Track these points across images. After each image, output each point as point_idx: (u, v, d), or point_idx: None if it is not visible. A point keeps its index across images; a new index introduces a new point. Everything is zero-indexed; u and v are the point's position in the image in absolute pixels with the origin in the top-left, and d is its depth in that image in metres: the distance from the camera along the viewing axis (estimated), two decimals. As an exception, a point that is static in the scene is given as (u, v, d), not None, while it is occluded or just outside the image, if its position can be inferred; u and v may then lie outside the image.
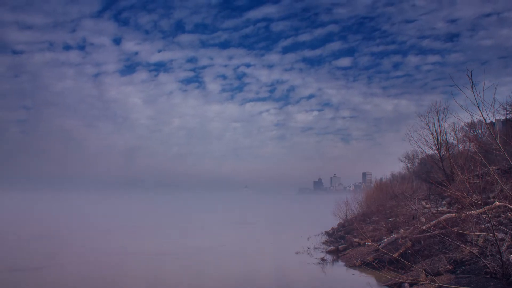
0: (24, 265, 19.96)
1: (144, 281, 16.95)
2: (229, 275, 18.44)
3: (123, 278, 17.59)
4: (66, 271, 18.89)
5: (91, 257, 22.66)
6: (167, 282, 17.05)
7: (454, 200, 22.02)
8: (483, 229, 13.88)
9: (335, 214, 34.95)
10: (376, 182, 43.22)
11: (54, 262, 21.02)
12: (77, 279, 17.13)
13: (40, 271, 18.83)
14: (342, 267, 19.46)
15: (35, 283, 16.59)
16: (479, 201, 12.25)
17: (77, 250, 25.37)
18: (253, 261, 22.27)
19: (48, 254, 23.84)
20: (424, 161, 39.70)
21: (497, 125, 33.46)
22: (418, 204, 26.57)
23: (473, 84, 10.57)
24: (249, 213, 77.05)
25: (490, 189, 19.68)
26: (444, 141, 30.00)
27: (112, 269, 19.58)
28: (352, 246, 22.59)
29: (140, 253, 24.09)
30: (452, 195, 16.99)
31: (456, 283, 12.16)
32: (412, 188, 35.48)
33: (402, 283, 13.73)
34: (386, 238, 20.80)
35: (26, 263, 20.58)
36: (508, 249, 12.65)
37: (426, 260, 15.55)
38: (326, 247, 25.53)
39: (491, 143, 12.67)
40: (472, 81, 10.61)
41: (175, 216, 67.06)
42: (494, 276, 11.83)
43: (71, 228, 39.51)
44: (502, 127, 32.90)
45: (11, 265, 19.80)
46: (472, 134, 35.28)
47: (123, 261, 21.56)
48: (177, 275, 18.48)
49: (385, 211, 28.06)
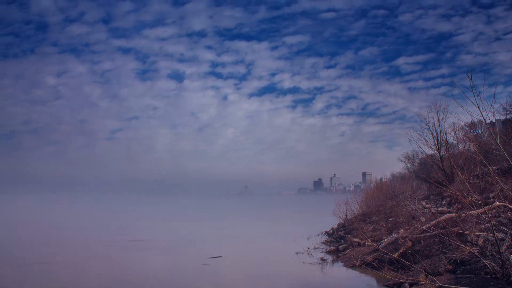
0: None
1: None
2: (229, 275, 18.42)
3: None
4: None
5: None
6: (163, 283, 17.04)
7: (454, 200, 22.03)
8: (483, 229, 13.87)
9: (335, 214, 34.93)
10: (376, 182, 43.18)
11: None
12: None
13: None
14: (342, 267, 19.45)
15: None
16: (479, 201, 12.25)
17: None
18: (253, 261, 22.25)
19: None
20: (424, 161, 39.74)
21: (497, 125, 33.44)
22: (418, 204, 26.58)
23: (473, 84, 10.58)
24: (248, 213, 77.06)
25: (490, 189, 19.68)
26: (444, 141, 30.04)
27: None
28: (352, 246, 22.59)
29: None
30: (452, 195, 17.00)
31: (456, 283, 12.16)
32: (412, 188, 35.52)
33: (402, 283, 13.72)
34: (386, 238, 20.80)
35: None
36: (508, 249, 12.64)
37: (426, 260, 15.53)
38: (326, 247, 25.52)
39: (491, 143, 12.66)
40: (472, 81, 10.61)
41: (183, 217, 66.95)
42: (494, 276, 11.82)
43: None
44: (502, 127, 32.88)
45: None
46: (472, 134, 35.31)
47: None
48: (177, 275, 18.47)
49: (385, 211, 28.04)
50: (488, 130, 24.30)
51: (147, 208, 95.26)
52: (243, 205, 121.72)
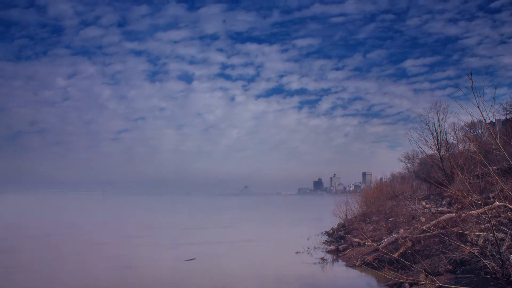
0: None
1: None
2: (229, 275, 18.41)
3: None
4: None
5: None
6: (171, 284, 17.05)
7: (454, 200, 22.02)
8: (483, 229, 13.86)
9: (335, 214, 34.94)
10: (376, 182, 43.20)
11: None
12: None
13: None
14: (342, 267, 19.46)
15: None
16: (479, 201, 12.25)
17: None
18: (253, 261, 22.25)
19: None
20: (424, 161, 39.74)
21: (497, 125, 33.45)
22: (418, 204, 26.58)
23: (474, 85, 10.58)
24: (248, 214, 77.04)
25: (490, 189, 19.68)
26: (444, 141, 30.05)
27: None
28: (352, 246, 22.59)
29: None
30: (452, 195, 17.01)
31: (456, 283, 12.16)
32: (412, 188, 35.50)
33: (402, 283, 13.72)
34: (386, 238, 20.80)
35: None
36: (508, 249, 12.63)
37: (426, 260, 15.54)
38: (326, 247, 25.53)
39: (491, 143, 12.66)
40: (472, 81, 10.62)
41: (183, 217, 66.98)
42: (494, 276, 11.83)
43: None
44: (502, 127, 32.89)
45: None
46: (472, 134, 35.30)
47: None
48: (175, 274, 18.46)
49: (385, 211, 28.05)
50: (488, 130, 24.31)
51: (144, 210, 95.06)
52: (243, 205, 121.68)
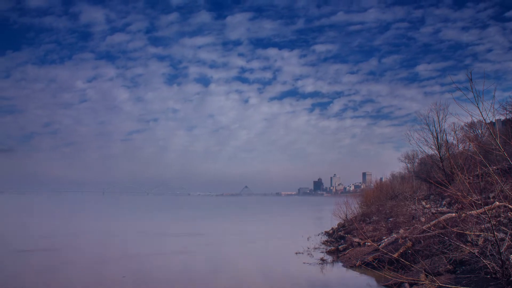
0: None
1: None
2: (229, 275, 18.41)
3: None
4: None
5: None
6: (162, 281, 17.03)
7: (454, 200, 22.02)
8: (483, 229, 13.86)
9: (335, 214, 34.95)
10: (376, 182, 43.19)
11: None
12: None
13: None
14: (342, 267, 19.44)
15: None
16: (479, 201, 12.24)
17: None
18: (253, 261, 22.25)
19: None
20: (424, 161, 39.72)
21: (497, 125, 33.44)
22: (418, 204, 26.57)
23: (473, 84, 10.57)
24: (247, 213, 76.99)
25: (490, 189, 19.67)
26: (444, 141, 30.06)
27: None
28: (352, 246, 22.58)
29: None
30: (452, 195, 16.97)
31: (456, 283, 12.15)
32: (412, 188, 35.49)
33: (402, 283, 13.71)
34: (386, 238, 20.79)
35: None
36: (508, 249, 12.62)
37: (426, 260, 15.53)
38: (326, 247, 25.51)
39: (491, 143, 12.65)
40: (471, 81, 10.61)
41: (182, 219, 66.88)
42: (494, 276, 11.82)
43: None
44: (502, 127, 32.88)
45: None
46: (472, 134, 35.29)
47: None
48: (176, 275, 18.45)
49: (385, 211, 28.05)
50: (488, 130, 24.29)
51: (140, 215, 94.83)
52: (243, 205, 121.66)
